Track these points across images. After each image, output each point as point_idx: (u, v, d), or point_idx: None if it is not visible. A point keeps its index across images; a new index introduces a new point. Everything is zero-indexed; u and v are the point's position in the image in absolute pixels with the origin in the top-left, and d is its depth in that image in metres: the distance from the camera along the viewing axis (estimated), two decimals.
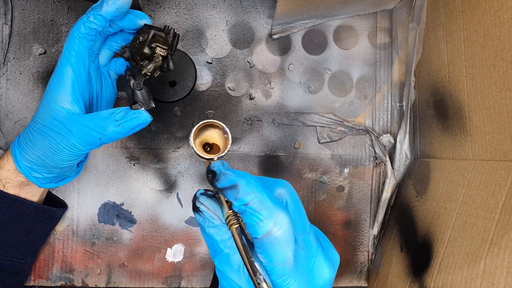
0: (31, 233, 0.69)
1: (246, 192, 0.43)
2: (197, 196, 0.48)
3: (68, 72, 0.58)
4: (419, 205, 0.72)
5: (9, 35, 0.75)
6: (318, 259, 0.46)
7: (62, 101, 0.58)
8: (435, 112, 0.71)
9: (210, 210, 0.47)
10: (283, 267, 0.43)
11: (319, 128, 0.82)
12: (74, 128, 0.57)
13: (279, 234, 0.42)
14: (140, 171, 0.79)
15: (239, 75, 0.80)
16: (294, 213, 0.46)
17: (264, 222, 0.42)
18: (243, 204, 0.43)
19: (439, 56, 0.69)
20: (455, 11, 0.64)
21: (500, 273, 0.49)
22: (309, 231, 0.47)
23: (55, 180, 0.66)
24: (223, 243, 0.47)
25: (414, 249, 0.70)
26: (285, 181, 0.48)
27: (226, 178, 0.45)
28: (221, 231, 0.47)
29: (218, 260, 0.48)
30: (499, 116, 0.54)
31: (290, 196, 0.47)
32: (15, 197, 0.65)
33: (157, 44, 0.59)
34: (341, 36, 0.83)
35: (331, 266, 0.47)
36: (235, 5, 0.80)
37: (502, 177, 0.53)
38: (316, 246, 0.47)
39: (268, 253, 0.43)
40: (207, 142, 0.53)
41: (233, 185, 0.44)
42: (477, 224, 0.55)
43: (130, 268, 0.79)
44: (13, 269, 0.69)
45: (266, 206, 0.42)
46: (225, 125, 0.51)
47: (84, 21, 0.57)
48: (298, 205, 0.47)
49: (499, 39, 0.54)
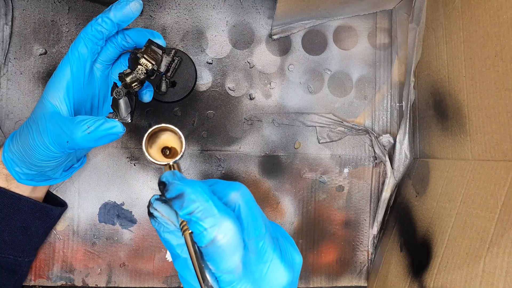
0: (28, 230, 0.69)
1: (191, 200, 0.43)
2: (151, 202, 0.48)
3: (65, 71, 0.59)
4: (418, 205, 0.72)
5: (9, 35, 0.76)
6: (273, 263, 0.45)
7: (53, 98, 0.59)
8: (434, 112, 0.72)
9: (164, 216, 0.47)
10: (231, 274, 0.43)
11: (318, 128, 0.82)
12: (51, 126, 0.57)
13: (224, 242, 0.42)
14: (140, 171, 0.79)
15: (239, 75, 0.81)
16: (247, 217, 0.46)
17: (208, 231, 0.42)
18: (188, 213, 0.43)
19: (438, 57, 0.69)
20: (455, 11, 0.64)
21: (500, 273, 0.49)
22: (264, 235, 0.46)
23: (36, 178, 0.66)
24: (180, 248, 0.47)
25: (413, 249, 0.70)
26: (240, 184, 0.48)
27: (174, 188, 0.45)
28: (177, 236, 0.47)
29: (178, 264, 0.48)
30: (499, 116, 0.54)
31: (244, 199, 0.46)
32: (12, 193, 0.65)
33: (144, 55, 0.58)
34: (340, 37, 0.83)
35: (289, 269, 0.47)
36: (235, 6, 0.80)
37: (502, 177, 0.53)
38: (271, 249, 0.46)
39: (215, 261, 0.43)
40: (165, 146, 0.53)
41: (179, 194, 0.44)
42: (476, 224, 0.55)
43: (130, 268, 0.79)
44: (9, 266, 0.69)
45: (211, 214, 0.42)
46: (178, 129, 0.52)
47: (92, 23, 0.58)
48: (252, 208, 0.46)
49: (499, 39, 0.54)
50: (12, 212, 0.66)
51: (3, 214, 0.65)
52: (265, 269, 0.45)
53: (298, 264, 0.49)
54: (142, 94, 0.67)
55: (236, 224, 0.43)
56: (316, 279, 0.83)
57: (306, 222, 0.82)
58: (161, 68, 0.60)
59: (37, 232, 0.71)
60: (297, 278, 0.50)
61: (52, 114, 0.58)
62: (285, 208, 0.82)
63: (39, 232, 0.72)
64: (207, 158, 0.80)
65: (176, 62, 0.61)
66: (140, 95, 0.67)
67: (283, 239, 0.50)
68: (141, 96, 0.67)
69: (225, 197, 0.46)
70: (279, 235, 0.50)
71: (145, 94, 0.67)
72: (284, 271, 0.46)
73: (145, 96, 0.67)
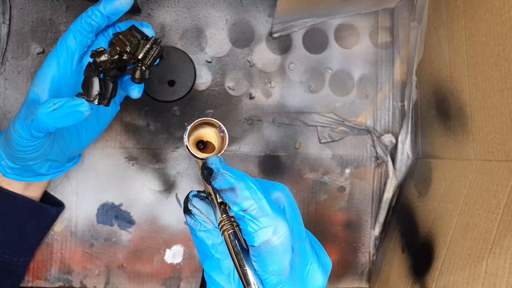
0: (24, 230, 0.69)
1: (245, 197, 0.41)
2: (189, 198, 0.47)
3: (52, 62, 0.59)
4: (420, 205, 0.72)
5: (7, 34, 0.75)
6: (312, 266, 0.45)
7: (37, 88, 0.59)
8: (436, 112, 0.71)
9: (202, 213, 0.46)
10: (279, 276, 0.42)
11: (320, 128, 0.81)
12: (23, 111, 0.56)
13: (278, 243, 0.41)
14: (139, 171, 0.79)
15: (239, 74, 0.80)
16: (291, 219, 0.45)
17: (263, 231, 0.41)
18: (242, 210, 0.41)
19: (440, 56, 0.69)
20: (457, 10, 0.64)
21: (502, 274, 0.49)
22: (305, 238, 0.46)
23: (23, 173, 0.65)
24: (214, 248, 0.46)
25: (415, 250, 0.70)
26: (283, 185, 0.47)
27: (224, 179, 0.43)
28: (213, 235, 0.46)
29: (208, 264, 0.47)
30: (501, 116, 0.54)
31: (288, 201, 0.46)
32: (6, 190, 0.65)
33: (119, 35, 0.57)
34: (342, 35, 0.82)
35: (324, 272, 0.47)
36: (235, 4, 0.80)
37: (504, 178, 0.53)
38: (311, 253, 0.46)
39: (265, 262, 0.41)
40: (201, 140, 0.50)
41: (231, 188, 0.42)
42: (479, 225, 0.55)
43: (129, 269, 0.79)
44: (5, 266, 0.69)
45: (266, 213, 0.41)
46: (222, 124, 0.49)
47: (83, 16, 0.58)
48: (295, 210, 0.46)
49: (501, 38, 0.53)
50: (7, 210, 0.66)
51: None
52: (306, 272, 0.45)
53: (330, 267, 0.49)
54: (130, 89, 0.65)
55: (289, 226, 0.42)
56: None
57: (307, 223, 0.82)
58: (138, 53, 0.58)
59: (33, 232, 0.71)
60: None
61: (31, 100, 0.58)
62: None
63: (35, 232, 0.72)
64: None
65: (155, 50, 0.59)
66: (128, 90, 0.65)
67: (316, 244, 0.50)
68: (129, 91, 0.65)
69: (270, 196, 0.46)
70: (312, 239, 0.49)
71: (133, 90, 0.65)
72: (320, 274, 0.46)
73: (133, 92, 0.65)
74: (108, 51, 0.57)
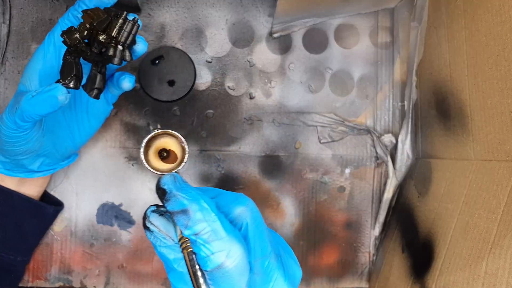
0: (22, 228, 0.69)
1: (197, 219, 0.41)
2: (147, 215, 0.46)
3: (39, 56, 0.59)
4: (420, 205, 0.72)
5: (7, 34, 0.75)
6: (277, 282, 0.44)
7: (25, 81, 0.59)
8: (436, 112, 0.71)
9: (161, 231, 0.44)
10: None
11: (320, 128, 0.81)
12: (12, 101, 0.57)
13: (232, 267, 0.40)
14: (139, 171, 0.79)
15: (239, 74, 0.80)
16: (254, 237, 0.44)
17: (215, 255, 0.40)
18: (194, 234, 0.40)
19: (440, 56, 0.69)
20: (457, 10, 0.64)
21: (502, 274, 0.49)
22: (269, 254, 0.44)
23: (14, 169, 0.65)
24: (176, 263, 0.45)
25: (415, 250, 0.70)
26: (247, 198, 0.46)
27: (176, 201, 0.42)
28: (174, 251, 0.45)
29: (172, 276, 0.46)
30: (501, 116, 0.54)
31: (252, 216, 0.44)
32: (6, 189, 0.65)
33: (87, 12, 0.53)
34: (342, 35, 0.82)
35: (291, 285, 0.45)
36: (235, 4, 0.80)
37: (504, 178, 0.53)
38: (276, 268, 0.44)
39: (220, 286, 0.41)
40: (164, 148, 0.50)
41: (183, 210, 0.41)
42: (479, 225, 0.55)
43: (129, 269, 0.79)
44: (3, 265, 0.69)
45: (219, 237, 0.40)
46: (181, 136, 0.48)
47: (70, 9, 0.58)
48: (259, 226, 0.45)
49: (501, 38, 0.53)
50: (5, 209, 0.66)
51: None
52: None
53: (299, 278, 0.48)
54: (120, 79, 0.63)
55: (244, 248, 0.41)
56: (317, 280, 0.82)
57: (307, 223, 0.82)
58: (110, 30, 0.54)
59: (32, 231, 0.71)
60: None
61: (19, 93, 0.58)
62: (286, 209, 0.82)
63: (33, 231, 0.72)
64: (207, 158, 0.80)
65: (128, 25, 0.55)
66: (119, 82, 0.63)
67: (285, 254, 0.48)
68: (120, 83, 0.63)
69: (231, 212, 0.44)
70: (281, 249, 0.48)
71: (123, 80, 0.63)
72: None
73: (124, 82, 0.63)
74: (77, 28, 0.53)
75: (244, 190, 0.81)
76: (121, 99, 0.76)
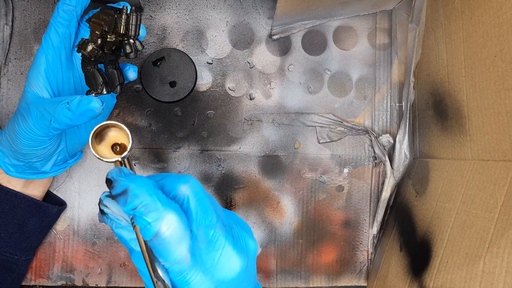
0: (25, 228, 0.69)
1: (134, 196, 0.43)
2: (101, 199, 0.48)
3: (41, 58, 0.59)
4: (418, 205, 0.73)
5: (10, 35, 0.76)
6: (225, 250, 0.46)
7: (33, 87, 0.59)
8: (434, 112, 0.72)
9: (114, 212, 0.47)
10: (180, 264, 0.44)
11: (318, 128, 0.82)
12: (34, 110, 0.57)
13: (168, 235, 0.42)
14: (140, 171, 0.79)
15: (239, 75, 0.81)
16: (196, 208, 0.46)
17: (151, 225, 0.42)
18: (132, 209, 0.43)
19: (438, 57, 0.70)
20: (455, 11, 0.64)
21: (499, 273, 0.49)
22: (215, 224, 0.46)
23: (26, 171, 0.66)
24: (133, 242, 0.47)
25: (413, 249, 0.70)
26: (189, 176, 0.48)
27: (119, 185, 0.45)
28: (130, 231, 0.47)
29: (134, 258, 0.48)
30: (498, 116, 0.54)
31: (193, 191, 0.46)
32: (7, 189, 0.66)
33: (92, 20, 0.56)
34: (340, 37, 0.83)
35: (242, 255, 0.47)
36: (235, 6, 0.80)
37: (501, 177, 0.53)
38: (223, 237, 0.46)
39: (162, 253, 0.43)
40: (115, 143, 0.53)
41: (123, 191, 0.44)
42: (476, 224, 0.55)
43: (130, 268, 0.79)
44: (6, 264, 0.69)
45: (154, 208, 0.43)
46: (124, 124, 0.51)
47: (58, 5, 0.58)
48: (201, 199, 0.47)
49: (498, 39, 0.54)
50: (8, 209, 0.66)
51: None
52: (217, 256, 0.45)
53: (253, 250, 0.49)
54: (125, 71, 0.65)
55: (180, 216, 0.44)
56: (316, 279, 0.83)
57: (306, 222, 0.82)
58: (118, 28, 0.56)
59: (34, 230, 0.71)
60: (253, 265, 0.50)
61: (35, 99, 0.58)
62: (285, 208, 0.82)
63: (36, 230, 0.72)
64: (207, 158, 0.80)
65: (133, 17, 0.56)
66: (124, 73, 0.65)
67: (238, 227, 0.50)
68: (125, 74, 0.65)
69: (174, 190, 0.46)
70: (233, 223, 0.50)
71: (128, 71, 0.66)
72: (237, 257, 0.46)
73: (129, 73, 0.66)
74: (89, 39, 0.55)
75: (244, 189, 0.81)
76: (123, 100, 0.77)
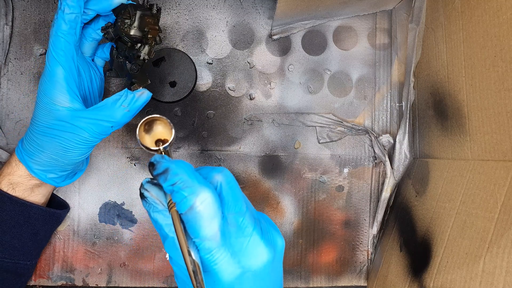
0: (38, 236, 0.70)
1: (174, 174, 0.45)
2: (142, 184, 0.50)
3: (59, 72, 0.59)
4: (418, 204, 0.73)
5: (10, 35, 0.76)
6: (253, 238, 0.47)
7: (61, 101, 0.59)
8: (434, 112, 0.72)
9: (153, 196, 0.49)
10: (210, 241, 0.45)
11: (318, 128, 0.82)
12: (82, 123, 0.59)
13: (201, 209, 0.44)
14: (141, 171, 0.79)
15: (239, 75, 0.81)
16: (227, 194, 0.48)
17: (187, 198, 0.44)
18: (171, 184, 0.45)
19: (438, 57, 0.70)
20: (454, 11, 0.64)
21: (499, 273, 0.49)
22: (245, 212, 0.47)
23: (69, 176, 0.68)
24: (168, 227, 0.48)
25: (413, 249, 0.70)
26: (223, 168, 0.50)
27: (161, 165, 0.47)
28: (165, 216, 0.49)
29: (167, 245, 0.49)
30: (498, 116, 0.54)
31: (226, 180, 0.49)
32: (23, 201, 0.66)
33: (149, 27, 0.59)
34: (340, 37, 0.83)
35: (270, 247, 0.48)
36: (235, 6, 0.80)
37: (501, 177, 0.53)
38: (251, 226, 0.47)
39: (194, 228, 0.44)
40: (159, 139, 0.56)
41: (164, 170, 0.46)
42: (476, 224, 0.55)
43: (130, 268, 0.79)
44: (18, 270, 0.69)
45: (191, 185, 0.44)
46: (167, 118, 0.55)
47: (62, 16, 0.58)
48: (233, 188, 0.49)
49: (498, 39, 0.54)
50: (23, 220, 0.67)
51: (14, 222, 0.66)
52: (245, 243, 0.46)
53: (281, 246, 0.50)
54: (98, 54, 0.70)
55: (214, 195, 0.45)
56: (316, 278, 0.83)
57: (306, 222, 0.82)
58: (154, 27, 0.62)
59: (45, 236, 0.72)
60: (280, 261, 0.51)
61: (73, 114, 0.59)
62: (285, 208, 0.82)
63: (47, 236, 0.73)
64: (207, 158, 0.80)
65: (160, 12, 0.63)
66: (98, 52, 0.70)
67: (266, 223, 0.51)
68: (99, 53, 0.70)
69: (209, 177, 0.48)
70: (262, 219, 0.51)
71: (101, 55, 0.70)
72: (264, 248, 0.47)
73: None
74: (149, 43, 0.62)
75: (244, 189, 0.81)
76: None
